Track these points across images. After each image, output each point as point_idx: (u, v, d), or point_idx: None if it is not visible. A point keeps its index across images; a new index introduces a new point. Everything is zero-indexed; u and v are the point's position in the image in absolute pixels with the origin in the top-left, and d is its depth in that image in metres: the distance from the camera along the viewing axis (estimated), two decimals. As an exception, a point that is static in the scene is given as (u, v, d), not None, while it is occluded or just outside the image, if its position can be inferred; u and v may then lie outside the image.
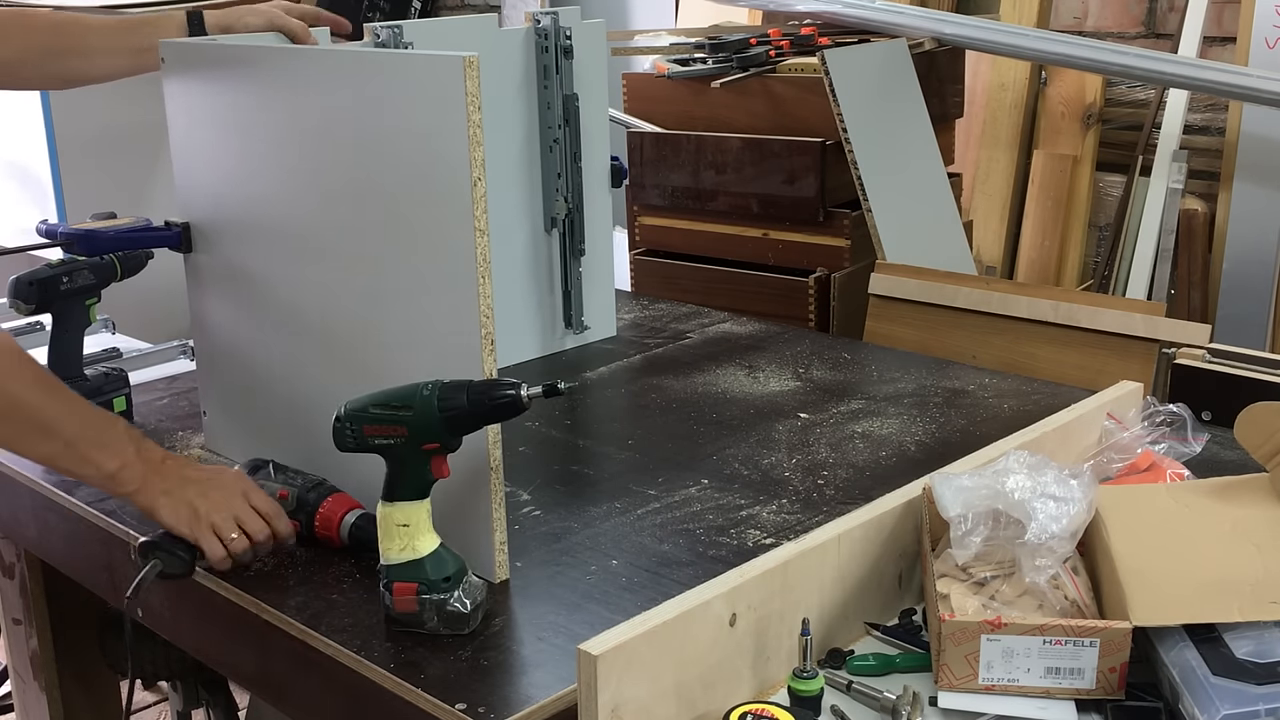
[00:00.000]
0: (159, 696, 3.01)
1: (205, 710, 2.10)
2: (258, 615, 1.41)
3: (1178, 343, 2.12)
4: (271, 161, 1.62)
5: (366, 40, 1.86)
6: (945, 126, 3.02)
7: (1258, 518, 1.29)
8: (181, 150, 1.77)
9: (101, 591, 1.72)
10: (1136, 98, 3.21)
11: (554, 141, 2.12)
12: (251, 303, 1.72)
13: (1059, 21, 3.30)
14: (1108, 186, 3.25)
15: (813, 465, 1.71)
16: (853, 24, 2.99)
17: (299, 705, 1.44)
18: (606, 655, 1.08)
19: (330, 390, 1.59)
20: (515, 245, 2.13)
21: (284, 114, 1.58)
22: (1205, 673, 1.11)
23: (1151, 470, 1.52)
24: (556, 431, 1.88)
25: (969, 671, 1.19)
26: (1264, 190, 2.92)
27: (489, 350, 1.36)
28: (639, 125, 2.90)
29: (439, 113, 1.34)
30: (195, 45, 1.73)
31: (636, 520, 1.56)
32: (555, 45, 2.08)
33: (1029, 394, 1.95)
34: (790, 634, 1.22)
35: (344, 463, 1.57)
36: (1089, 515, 1.28)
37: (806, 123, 2.70)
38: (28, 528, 1.82)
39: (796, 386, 2.01)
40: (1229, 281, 2.97)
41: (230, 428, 1.80)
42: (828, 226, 2.69)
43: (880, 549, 1.35)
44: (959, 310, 2.43)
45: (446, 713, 1.20)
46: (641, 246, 2.97)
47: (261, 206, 1.66)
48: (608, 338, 2.28)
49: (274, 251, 1.66)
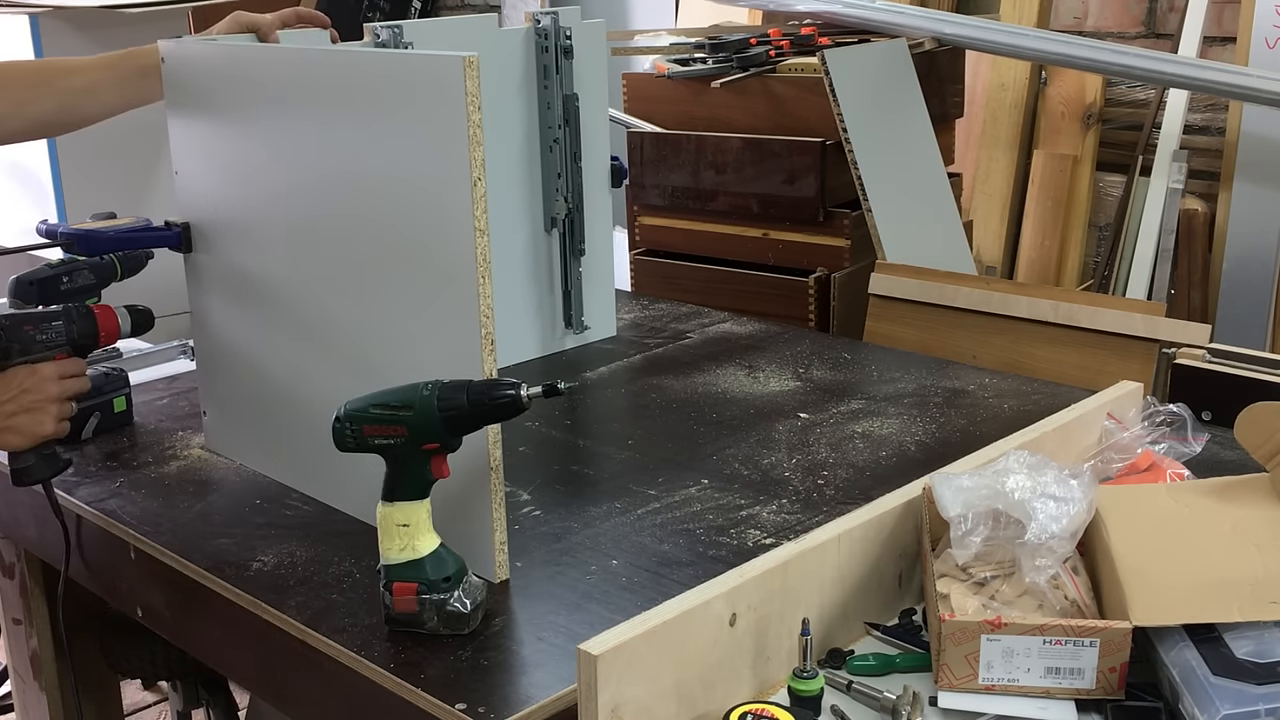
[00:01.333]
0: (159, 696, 3.01)
1: (205, 710, 2.11)
2: (258, 615, 1.41)
3: (1178, 343, 2.12)
4: (271, 161, 1.62)
5: (366, 40, 1.86)
6: (945, 126, 3.02)
7: (1258, 518, 1.29)
8: (181, 150, 1.77)
9: (101, 592, 1.73)
10: (1136, 98, 3.21)
11: (554, 141, 2.12)
12: (252, 303, 1.72)
13: (1059, 21, 3.30)
14: (1108, 186, 3.25)
15: (813, 465, 1.71)
16: (853, 24, 2.99)
17: (299, 705, 1.44)
18: (606, 655, 1.08)
19: (330, 389, 1.59)
20: (515, 245, 2.13)
21: (284, 114, 1.58)
22: (1205, 673, 1.11)
23: (1151, 470, 1.52)
24: (556, 431, 1.88)
25: (969, 671, 1.19)
26: (1264, 190, 2.92)
27: (489, 350, 1.36)
28: (639, 125, 2.90)
29: (439, 113, 1.34)
30: (195, 45, 1.73)
31: (636, 520, 1.56)
32: (555, 45, 2.08)
33: (1029, 394, 1.95)
34: (790, 634, 1.23)
35: (344, 463, 1.57)
36: (1089, 515, 1.28)
37: (806, 123, 2.70)
38: (28, 528, 1.83)
39: (796, 386, 2.01)
40: (1229, 281, 2.97)
41: (230, 428, 1.80)
42: (828, 226, 2.69)
43: (880, 549, 1.35)
44: (959, 310, 2.43)
45: (446, 713, 1.20)
46: (641, 246, 2.97)
47: (262, 206, 1.66)
48: (608, 337, 2.28)
49: (274, 251, 1.66)
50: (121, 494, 1.69)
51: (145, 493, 1.69)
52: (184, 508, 1.65)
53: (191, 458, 1.81)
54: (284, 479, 1.70)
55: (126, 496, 1.68)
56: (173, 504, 1.66)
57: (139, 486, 1.71)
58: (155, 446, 1.85)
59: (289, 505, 1.64)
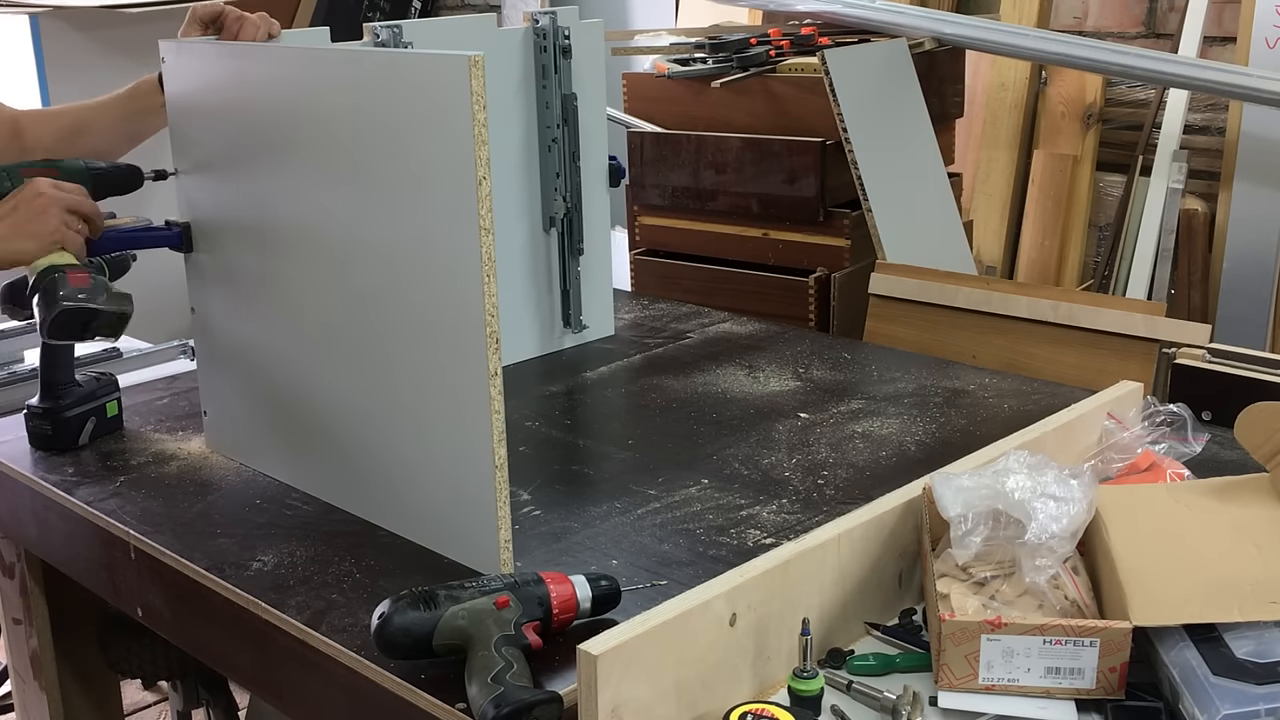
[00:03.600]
0: (159, 696, 3.01)
1: (205, 710, 2.11)
2: (258, 615, 1.41)
3: (1178, 343, 2.12)
4: (272, 160, 1.62)
5: (366, 40, 1.86)
6: (945, 126, 3.02)
7: (1258, 517, 1.29)
8: (182, 149, 1.77)
9: (101, 591, 1.73)
10: (1136, 98, 3.21)
11: (552, 141, 2.12)
12: (253, 302, 1.71)
13: (1059, 21, 3.30)
14: (1108, 186, 3.25)
15: (813, 465, 1.71)
16: (853, 24, 2.99)
17: (299, 705, 1.44)
18: (606, 655, 1.08)
19: (332, 388, 1.59)
20: (514, 244, 2.13)
21: (285, 113, 1.58)
22: (1205, 673, 1.11)
23: (1151, 470, 1.52)
24: (556, 431, 1.88)
25: (969, 671, 1.19)
26: (1264, 190, 2.92)
27: (494, 349, 1.36)
28: (639, 125, 2.90)
29: (444, 112, 1.33)
30: (195, 45, 1.73)
31: (636, 520, 1.56)
32: (554, 45, 2.08)
33: (1029, 394, 1.95)
34: (790, 634, 1.22)
35: (346, 461, 1.57)
36: (1089, 515, 1.28)
37: (806, 123, 2.70)
38: (28, 528, 1.83)
39: (796, 386, 2.01)
40: (1229, 281, 2.97)
41: (231, 428, 1.80)
42: (828, 226, 2.69)
43: (880, 549, 1.35)
44: (959, 310, 2.43)
45: (446, 713, 1.20)
46: (641, 246, 2.97)
47: (262, 206, 1.66)
48: (607, 337, 2.28)
49: (275, 251, 1.65)
50: (121, 494, 1.69)
51: (145, 493, 1.69)
52: (184, 508, 1.65)
53: (191, 458, 1.81)
54: (285, 478, 1.70)
55: (126, 496, 1.68)
56: (173, 504, 1.66)
57: (139, 486, 1.71)
58: (155, 446, 1.85)
59: (289, 505, 1.64)
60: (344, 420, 1.59)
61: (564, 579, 1.30)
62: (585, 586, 1.30)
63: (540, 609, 1.27)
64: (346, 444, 1.59)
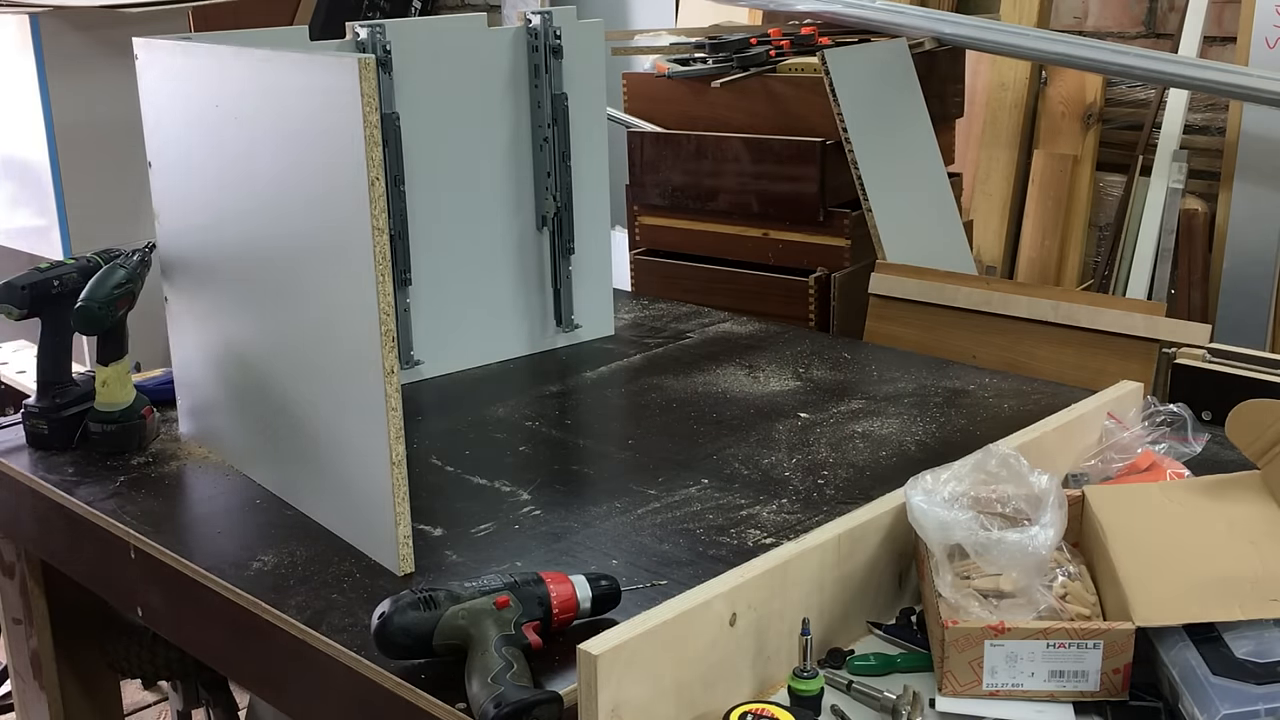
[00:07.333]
0: (159, 696, 3.01)
1: (205, 710, 2.10)
2: (258, 615, 1.41)
3: (1178, 343, 2.12)
4: (210, 157, 1.67)
5: (347, 39, 1.85)
6: (945, 126, 3.02)
7: (1252, 515, 1.29)
8: (152, 143, 1.81)
9: (101, 591, 1.72)
10: (1136, 97, 3.21)
11: (544, 140, 2.11)
12: (198, 298, 1.77)
13: (1059, 21, 3.30)
14: (1108, 186, 3.24)
15: (813, 465, 1.71)
16: (853, 24, 2.99)
17: (299, 705, 1.44)
18: (606, 655, 1.08)
19: (266, 385, 1.64)
20: (505, 243, 2.13)
21: (221, 111, 1.62)
22: (1205, 672, 1.11)
23: (1151, 470, 1.52)
24: (556, 431, 1.88)
25: (973, 678, 1.19)
26: (1264, 190, 2.92)
27: (389, 347, 1.37)
28: (639, 125, 2.90)
29: (338, 113, 1.36)
30: (162, 44, 1.75)
31: (636, 520, 1.56)
32: (545, 45, 2.07)
33: (1029, 394, 1.94)
34: (790, 634, 1.22)
35: (315, 474, 1.57)
36: (1063, 516, 1.26)
37: (806, 123, 2.70)
38: (28, 528, 1.82)
39: (796, 386, 2.01)
40: (1229, 281, 2.97)
41: (198, 418, 1.84)
42: (828, 226, 2.69)
43: (880, 549, 1.35)
44: (959, 310, 2.42)
45: (446, 713, 1.20)
46: (641, 246, 2.96)
47: (206, 202, 1.71)
48: (607, 337, 2.28)
49: (217, 248, 1.70)
50: (121, 494, 1.69)
51: (145, 493, 1.69)
52: (184, 508, 1.65)
53: (192, 458, 1.81)
54: (247, 473, 1.73)
55: (126, 496, 1.68)
56: (173, 504, 1.66)
57: (139, 486, 1.71)
58: (155, 446, 1.85)
59: (289, 505, 1.64)
60: (280, 418, 1.62)
61: (564, 579, 1.30)
62: (585, 586, 1.30)
63: (540, 609, 1.27)
64: (281, 440, 1.62)
